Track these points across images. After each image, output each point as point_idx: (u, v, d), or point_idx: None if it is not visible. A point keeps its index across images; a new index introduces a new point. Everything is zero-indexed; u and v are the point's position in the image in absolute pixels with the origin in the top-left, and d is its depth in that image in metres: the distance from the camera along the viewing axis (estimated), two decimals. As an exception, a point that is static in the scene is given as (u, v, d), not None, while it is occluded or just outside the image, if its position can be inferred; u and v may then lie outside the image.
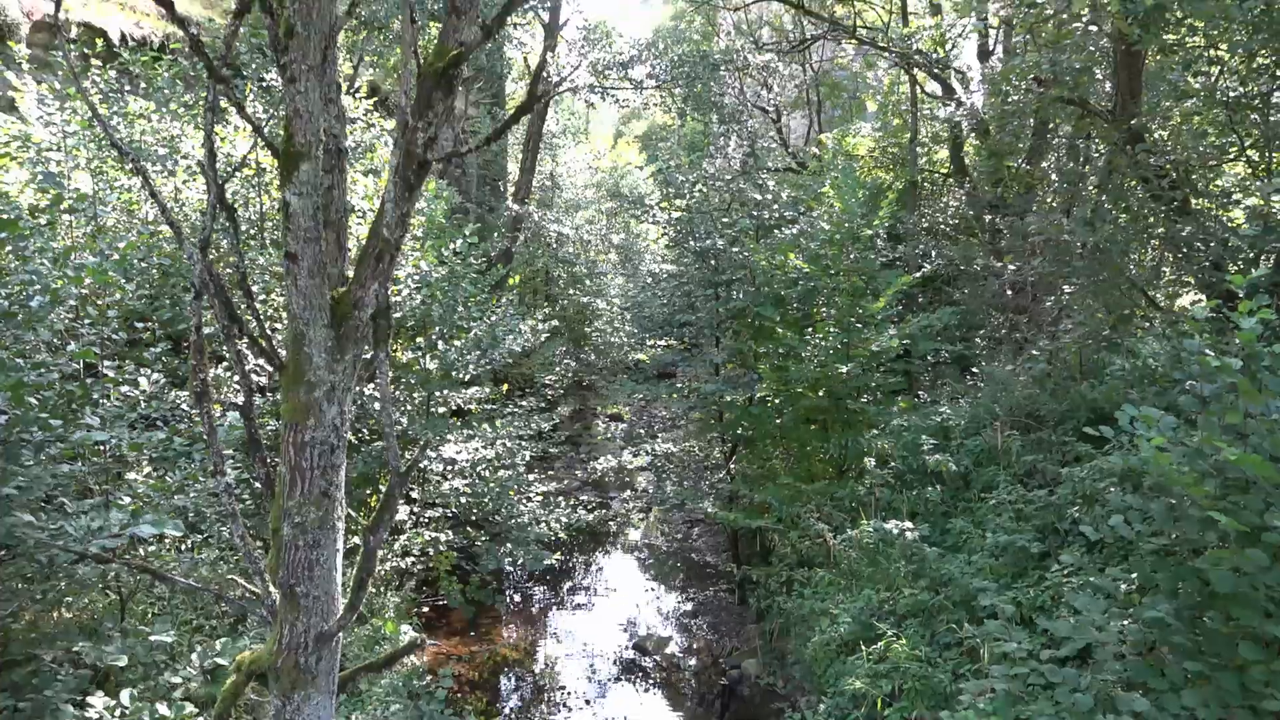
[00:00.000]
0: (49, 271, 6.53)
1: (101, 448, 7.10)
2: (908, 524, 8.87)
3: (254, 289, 8.43)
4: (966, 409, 11.46)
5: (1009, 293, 14.57)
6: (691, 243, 15.06)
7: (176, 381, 9.01)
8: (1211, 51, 9.94)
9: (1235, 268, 8.86)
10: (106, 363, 7.75)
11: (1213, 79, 9.96)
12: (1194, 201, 9.99)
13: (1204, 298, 9.23)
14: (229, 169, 8.10)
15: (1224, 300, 7.95)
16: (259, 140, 4.06)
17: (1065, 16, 10.31)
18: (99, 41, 13.19)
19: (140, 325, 8.90)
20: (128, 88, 11.55)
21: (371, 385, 10.08)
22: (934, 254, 16.04)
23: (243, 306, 5.41)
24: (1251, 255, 8.86)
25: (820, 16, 20.30)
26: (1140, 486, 6.57)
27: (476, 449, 11.79)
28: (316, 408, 3.88)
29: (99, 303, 8.41)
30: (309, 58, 3.45)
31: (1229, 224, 9.57)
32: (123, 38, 15.01)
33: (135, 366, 7.90)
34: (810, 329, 12.61)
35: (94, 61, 11.00)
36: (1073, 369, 11.12)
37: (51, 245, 7.53)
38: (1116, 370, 9.95)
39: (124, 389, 7.54)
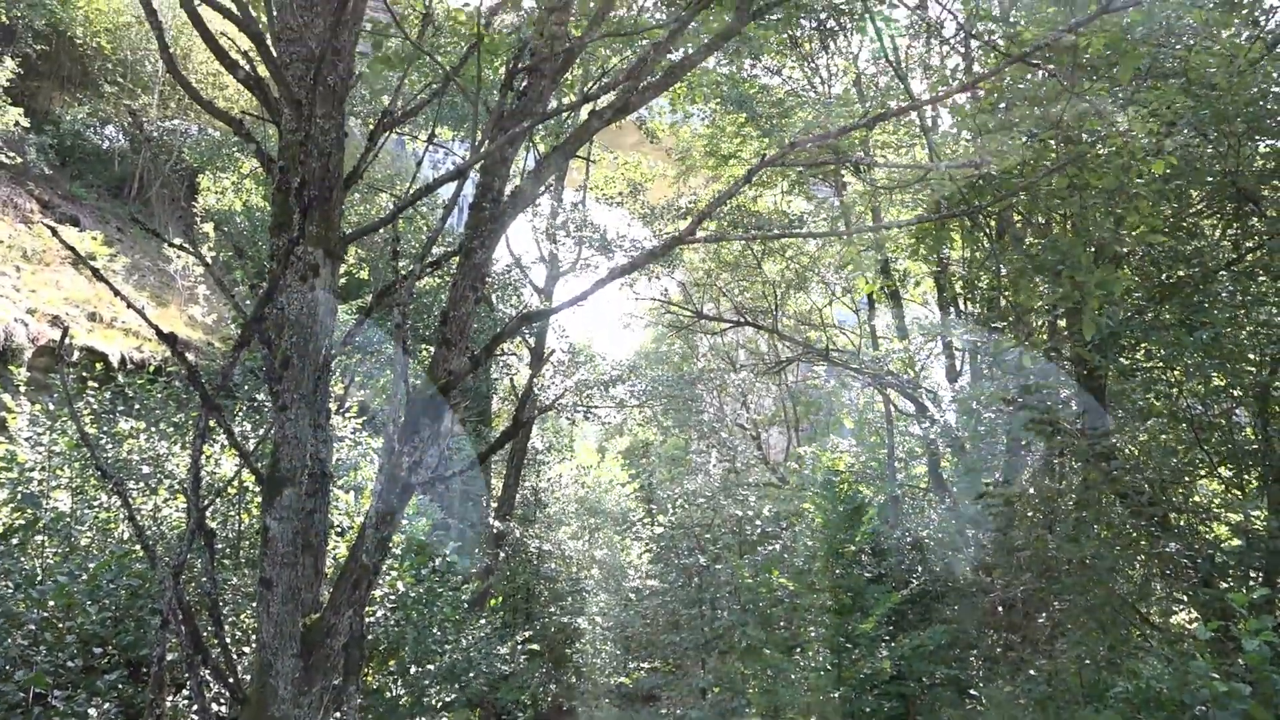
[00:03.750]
0: (11, 595, 6.31)
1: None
2: None
3: (224, 610, 8.16)
4: (969, 737, 10.86)
5: (999, 609, 14.25)
6: (674, 559, 14.89)
7: (130, 713, 8.44)
8: (1170, 374, 10.42)
9: (1226, 583, 8.78)
10: (57, 692, 7.29)
11: (1174, 398, 10.35)
12: (1174, 517, 10.05)
13: (1198, 616, 9.06)
14: (211, 490, 8.10)
15: (1221, 618, 7.80)
16: (245, 465, 4.08)
17: (1027, 344, 10.88)
18: (99, 365, 13.65)
19: (98, 650, 8.47)
20: (121, 408, 11.76)
21: (337, 715, 9.48)
22: (920, 569, 15.84)
23: (209, 631, 5.21)
24: (1238, 572, 8.81)
25: (794, 340, 21.42)
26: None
27: (447, 787, 10.92)
28: (277, 746, 3.61)
29: (59, 626, 8.04)
30: (302, 387, 3.55)
31: (1213, 539, 9.58)
32: (122, 361, 15.55)
33: (87, 696, 7.43)
34: (798, 649, 12.18)
35: (91, 384, 11.26)
36: (1074, 691, 10.65)
37: (21, 566, 7.33)
38: (1119, 692, 9.54)
39: (71, 722, 7.04)
